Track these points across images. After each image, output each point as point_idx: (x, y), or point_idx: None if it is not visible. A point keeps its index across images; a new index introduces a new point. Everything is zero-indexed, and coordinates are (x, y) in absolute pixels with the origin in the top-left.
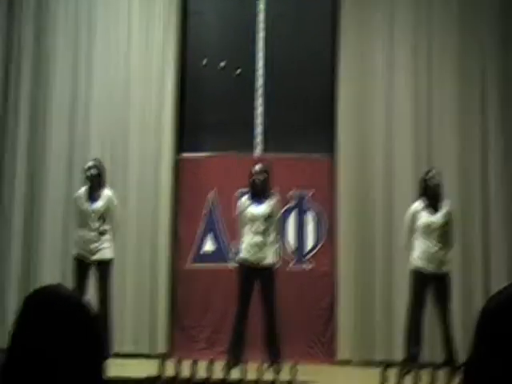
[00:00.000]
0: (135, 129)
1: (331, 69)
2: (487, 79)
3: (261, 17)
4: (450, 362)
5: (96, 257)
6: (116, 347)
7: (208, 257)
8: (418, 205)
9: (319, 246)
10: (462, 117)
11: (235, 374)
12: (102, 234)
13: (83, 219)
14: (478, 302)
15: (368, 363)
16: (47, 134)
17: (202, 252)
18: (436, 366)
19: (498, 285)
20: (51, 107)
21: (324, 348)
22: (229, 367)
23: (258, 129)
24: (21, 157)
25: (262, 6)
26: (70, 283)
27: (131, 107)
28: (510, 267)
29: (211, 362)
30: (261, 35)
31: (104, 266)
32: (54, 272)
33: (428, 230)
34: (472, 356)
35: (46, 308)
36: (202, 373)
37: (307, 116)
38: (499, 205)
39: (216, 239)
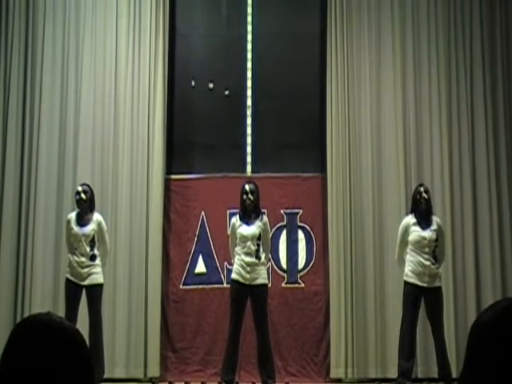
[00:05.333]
0: (124, 152)
1: (320, 88)
2: (475, 97)
3: (249, 37)
4: (444, 376)
5: (87, 282)
6: (107, 372)
7: (199, 278)
8: (409, 219)
9: (311, 265)
10: (450, 133)
11: None
12: (92, 258)
13: (74, 243)
14: (471, 316)
15: (361, 381)
16: (36, 157)
17: (193, 273)
18: (430, 381)
19: (489, 299)
20: (40, 131)
21: (317, 367)
22: None
23: (248, 149)
24: (9, 179)
25: (249, 27)
26: (61, 306)
27: (120, 130)
28: (502, 281)
29: None
30: (249, 56)
31: (94, 291)
32: (45, 295)
33: (419, 245)
34: (465, 370)
35: (36, 336)
36: None
37: (296, 135)
38: (490, 219)
39: (207, 260)
